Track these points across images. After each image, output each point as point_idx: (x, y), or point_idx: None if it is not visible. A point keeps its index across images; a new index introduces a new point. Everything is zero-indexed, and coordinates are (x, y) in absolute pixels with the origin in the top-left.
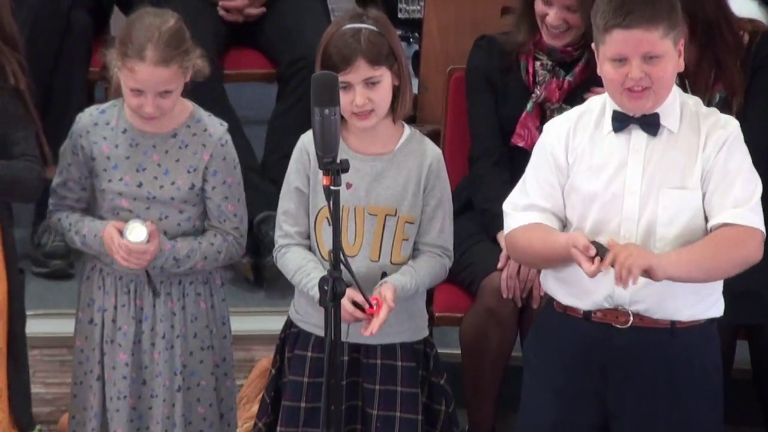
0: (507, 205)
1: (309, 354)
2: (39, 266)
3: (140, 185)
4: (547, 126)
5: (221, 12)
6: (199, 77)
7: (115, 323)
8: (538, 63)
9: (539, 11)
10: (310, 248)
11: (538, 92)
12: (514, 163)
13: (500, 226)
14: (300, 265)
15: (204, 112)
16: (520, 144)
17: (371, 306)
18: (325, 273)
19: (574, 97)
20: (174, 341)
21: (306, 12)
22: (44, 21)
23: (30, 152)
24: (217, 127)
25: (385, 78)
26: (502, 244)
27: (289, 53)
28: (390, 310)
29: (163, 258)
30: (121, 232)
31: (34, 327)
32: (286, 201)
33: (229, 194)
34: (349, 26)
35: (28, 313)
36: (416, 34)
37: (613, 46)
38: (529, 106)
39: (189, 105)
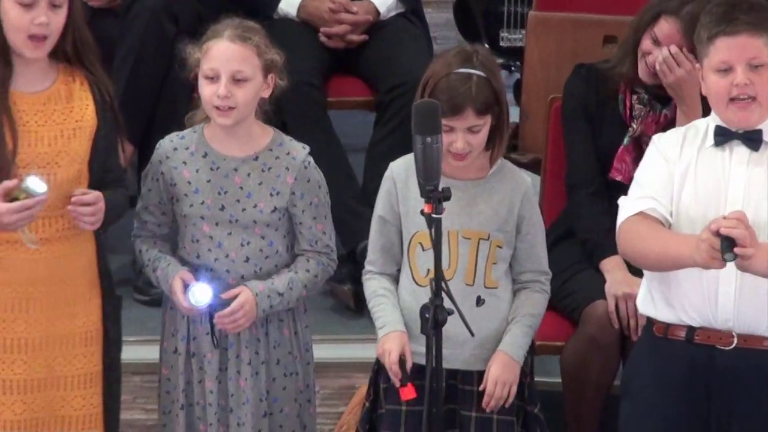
0: (621, 199)
1: None
2: (140, 293)
3: (222, 208)
4: (656, 137)
5: (323, 39)
6: (278, 90)
7: (200, 351)
8: (635, 97)
9: (644, 48)
10: (390, 274)
11: (635, 126)
12: (612, 196)
13: (602, 255)
14: (372, 293)
15: (286, 137)
16: (618, 178)
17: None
18: (389, 304)
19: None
20: (259, 367)
21: (407, 39)
22: (149, 49)
23: (122, 176)
24: (299, 150)
25: (487, 124)
26: (606, 272)
27: (388, 80)
28: (502, 384)
29: (265, 299)
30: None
31: (136, 353)
32: (372, 229)
33: (317, 214)
34: (459, 71)
35: (130, 339)
36: (517, 63)
37: (718, 55)
38: (626, 140)
39: (270, 130)
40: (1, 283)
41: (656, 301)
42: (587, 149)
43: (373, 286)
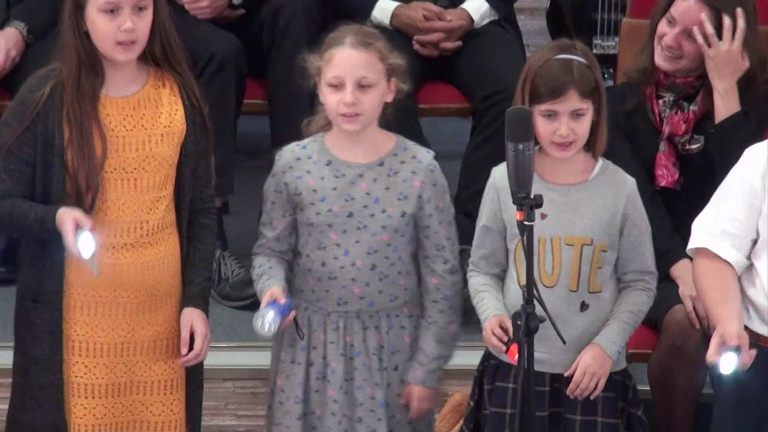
0: (696, 224)
1: (510, 386)
2: (228, 299)
3: (350, 215)
4: (746, 152)
5: (416, 46)
6: (400, 94)
7: (325, 360)
8: (661, 102)
9: (660, 31)
10: (494, 274)
11: (665, 130)
12: (663, 202)
13: (670, 263)
14: (475, 291)
15: (410, 141)
16: (663, 184)
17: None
18: (491, 297)
19: (701, 126)
20: (384, 375)
21: (501, 46)
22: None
23: (213, 205)
24: (425, 154)
25: (589, 112)
26: (677, 278)
27: (483, 88)
28: (590, 374)
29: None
30: None
31: (227, 359)
32: (476, 236)
33: (443, 219)
34: (560, 56)
35: (221, 345)
36: (610, 70)
37: None
38: (661, 146)
39: (393, 135)
40: (85, 287)
41: (752, 315)
42: (631, 161)
43: (476, 283)
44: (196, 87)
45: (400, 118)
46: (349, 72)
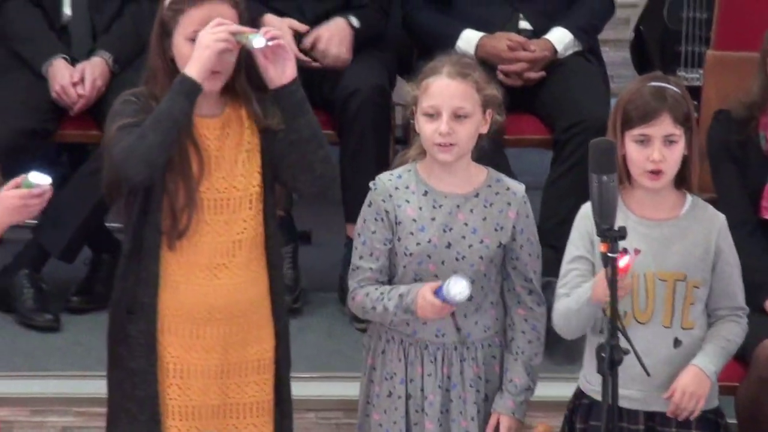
0: None
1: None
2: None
3: (449, 246)
4: None
5: (500, 76)
6: (495, 125)
7: (422, 393)
8: None
9: None
10: None
11: None
12: (766, 234)
13: (765, 295)
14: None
15: (501, 174)
16: (767, 216)
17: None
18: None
19: None
20: (480, 406)
21: (585, 77)
22: None
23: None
24: (517, 186)
25: (681, 141)
26: None
27: (565, 118)
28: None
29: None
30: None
31: (310, 390)
32: (565, 267)
33: (532, 251)
34: (653, 84)
35: (304, 375)
36: (695, 103)
37: None
38: None
39: (483, 167)
40: (179, 310)
41: None
42: (738, 189)
43: (562, 306)
44: (260, 110)
45: (486, 149)
46: (445, 102)
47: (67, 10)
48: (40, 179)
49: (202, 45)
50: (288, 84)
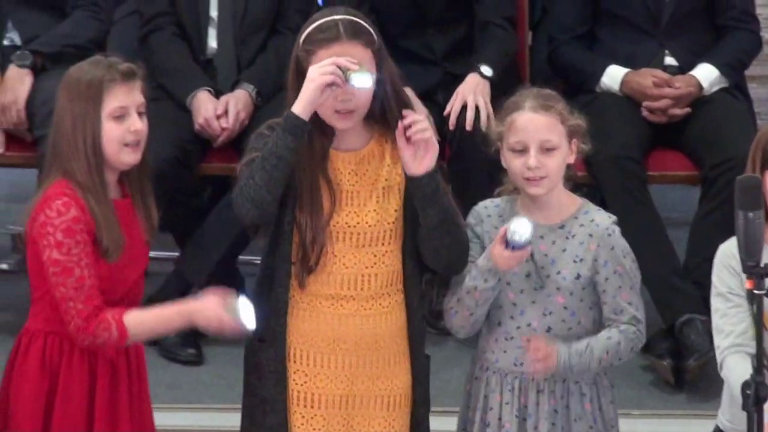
0: None
1: None
2: None
3: (528, 275)
4: None
5: (645, 113)
6: (582, 154)
7: (500, 421)
8: None
9: None
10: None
11: None
12: None
13: None
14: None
15: (594, 206)
16: None
17: None
18: None
19: None
20: None
21: (731, 114)
22: None
23: None
24: (605, 218)
25: None
26: None
27: (713, 156)
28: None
29: (563, 358)
30: None
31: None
32: (719, 306)
33: (622, 283)
34: None
35: (440, 409)
36: None
37: None
38: None
39: (578, 198)
40: (305, 338)
41: None
42: None
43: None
44: None
45: (628, 185)
46: (531, 136)
47: (212, 43)
48: (247, 315)
49: (307, 79)
50: (422, 176)
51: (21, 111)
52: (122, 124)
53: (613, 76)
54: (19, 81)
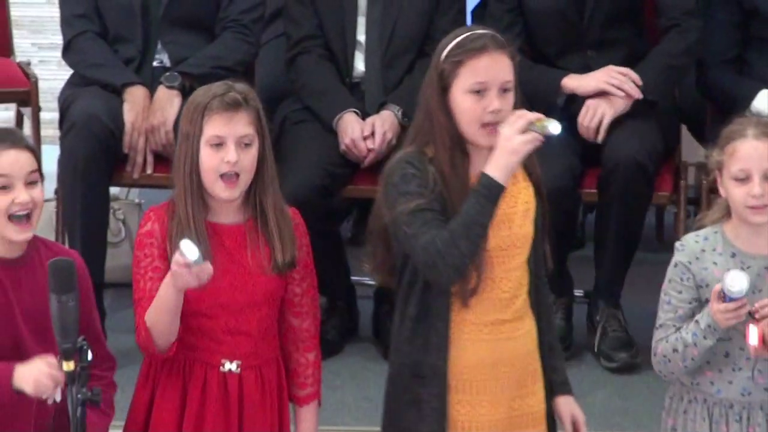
0: None
1: None
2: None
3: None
4: None
5: None
6: None
7: None
8: None
9: None
10: None
11: None
12: None
13: None
14: None
15: None
16: None
17: None
18: None
19: None
20: None
21: None
22: None
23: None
24: None
25: None
26: None
27: None
28: None
29: None
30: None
31: None
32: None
33: None
34: None
35: None
36: None
37: None
38: None
39: None
40: (467, 368)
41: None
42: None
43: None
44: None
45: None
46: (755, 164)
47: (359, 66)
48: (188, 250)
49: (507, 149)
50: None
51: (170, 132)
52: (218, 153)
53: (765, 100)
54: (168, 102)
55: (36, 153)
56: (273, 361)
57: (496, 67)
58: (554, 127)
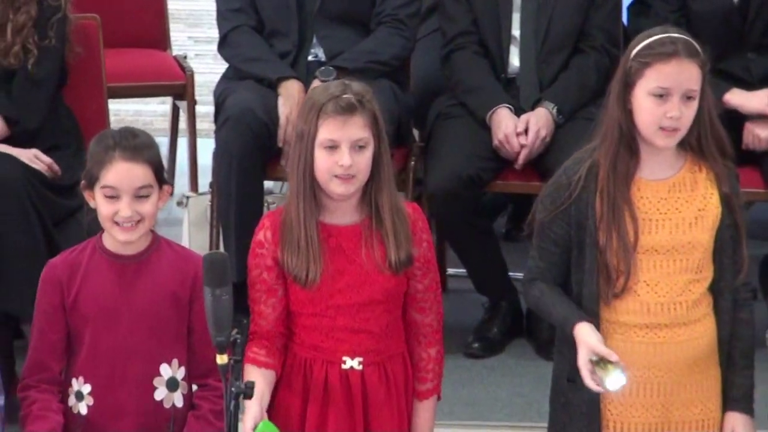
0: None
1: None
2: None
3: None
4: None
5: None
6: None
7: None
8: None
9: None
10: None
11: None
12: None
13: None
14: None
15: None
16: None
17: None
18: None
19: None
20: None
21: None
22: None
23: (750, 297)
24: None
25: None
26: None
27: None
28: None
29: None
30: None
31: None
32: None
33: None
34: None
35: None
36: None
37: None
38: None
39: None
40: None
41: None
42: None
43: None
44: (734, 179)
45: None
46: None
47: (514, 61)
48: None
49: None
50: None
51: None
52: (332, 156)
53: None
54: None
55: (156, 165)
56: (398, 356)
57: (682, 75)
58: (611, 383)
